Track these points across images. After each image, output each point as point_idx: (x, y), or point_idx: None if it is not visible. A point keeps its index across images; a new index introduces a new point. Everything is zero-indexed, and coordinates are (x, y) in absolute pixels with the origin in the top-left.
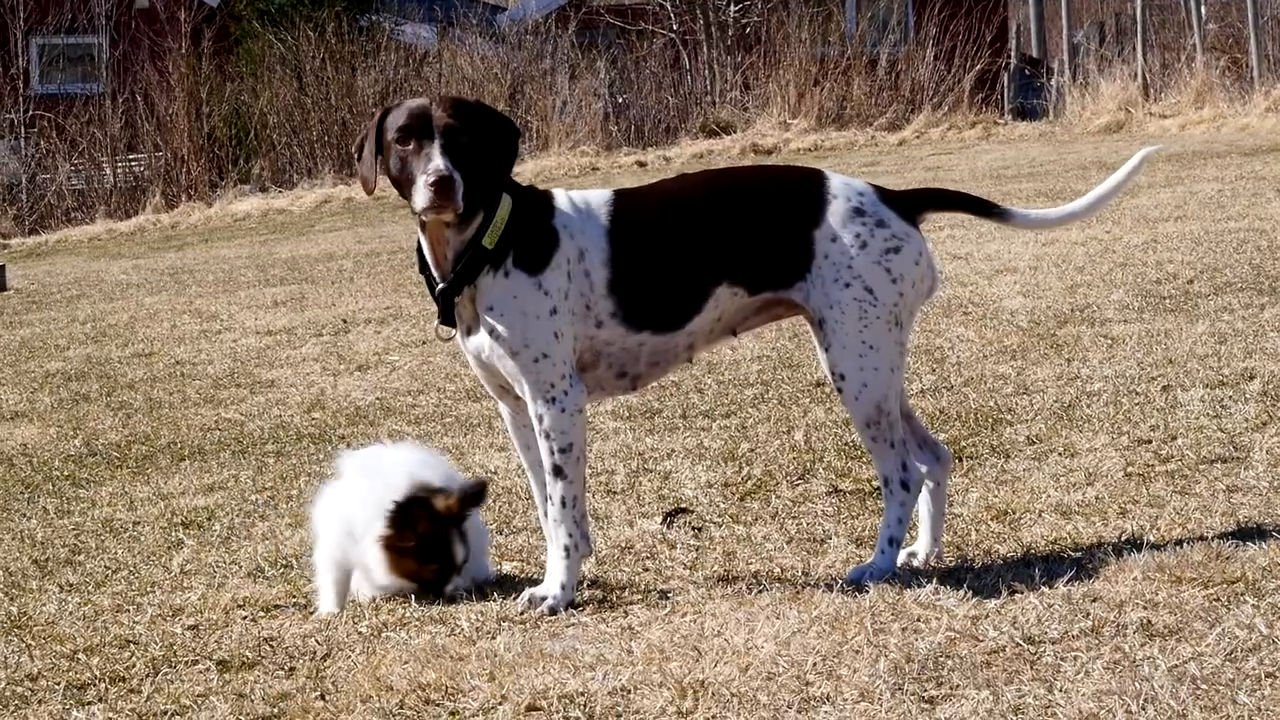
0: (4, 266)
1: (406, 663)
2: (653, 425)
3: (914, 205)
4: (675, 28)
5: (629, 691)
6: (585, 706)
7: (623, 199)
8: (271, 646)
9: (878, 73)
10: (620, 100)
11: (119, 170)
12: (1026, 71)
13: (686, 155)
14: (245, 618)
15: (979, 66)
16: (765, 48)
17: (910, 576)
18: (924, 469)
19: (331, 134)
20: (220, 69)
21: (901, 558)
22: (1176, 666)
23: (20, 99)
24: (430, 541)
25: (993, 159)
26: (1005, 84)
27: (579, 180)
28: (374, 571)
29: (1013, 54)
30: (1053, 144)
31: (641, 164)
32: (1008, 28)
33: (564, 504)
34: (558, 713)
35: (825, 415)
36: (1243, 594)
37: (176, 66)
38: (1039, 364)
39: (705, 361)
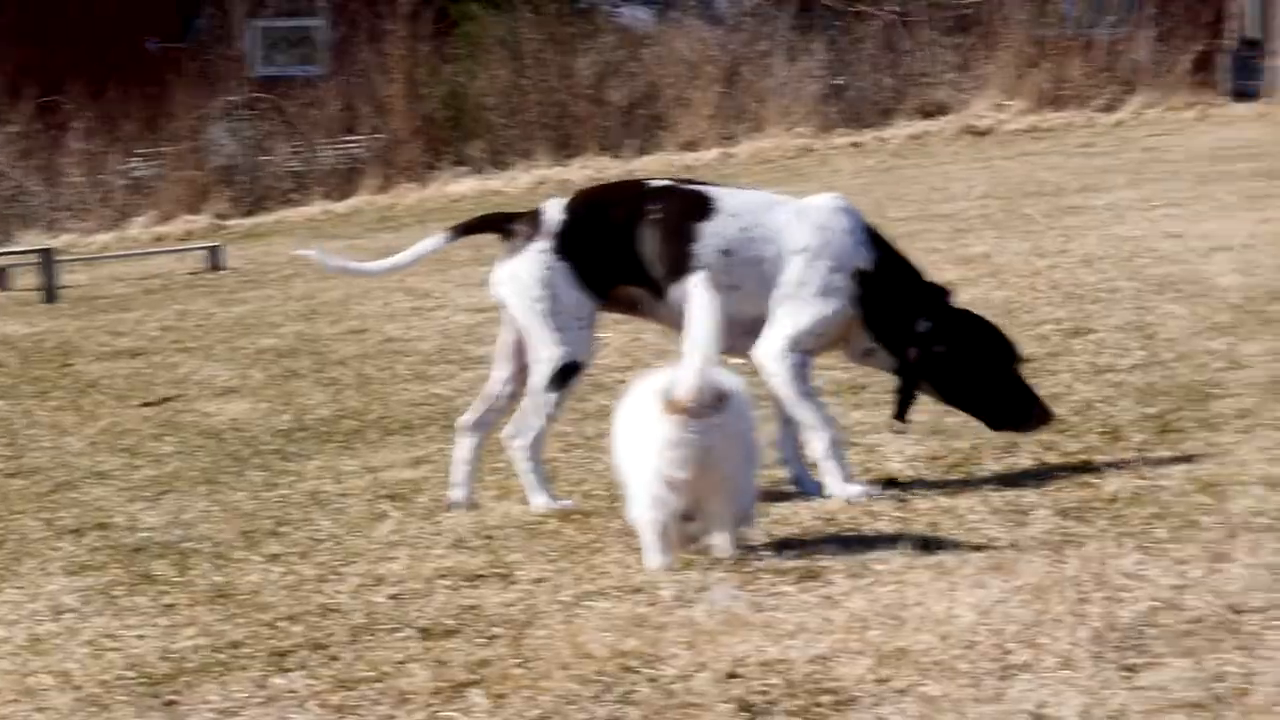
0: (219, 247)
1: (606, 630)
2: (859, 400)
3: None
4: (893, 9)
5: (828, 659)
6: (784, 674)
7: None
8: (473, 614)
9: (1094, 54)
10: (837, 81)
11: (335, 152)
12: (1245, 54)
13: (902, 136)
14: (447, 587)
15: (1197, 48)
16: (984, 29)
17: (1114, 547)
18: None
19: (549, 116)
20: (438, 51)
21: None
22: None
23: (241, 81)
24: None
25: (1211, 140)
26: (1223, 66)
27: (793, 161)
28: None
29: (1231, 36)
30: (1271, 125)
31: (857, 145)
32: (1226, 10)
33: None
34: (757, 680)
35: None
36: None
37: (395, 48)
38: (1250, 340)
39: None
